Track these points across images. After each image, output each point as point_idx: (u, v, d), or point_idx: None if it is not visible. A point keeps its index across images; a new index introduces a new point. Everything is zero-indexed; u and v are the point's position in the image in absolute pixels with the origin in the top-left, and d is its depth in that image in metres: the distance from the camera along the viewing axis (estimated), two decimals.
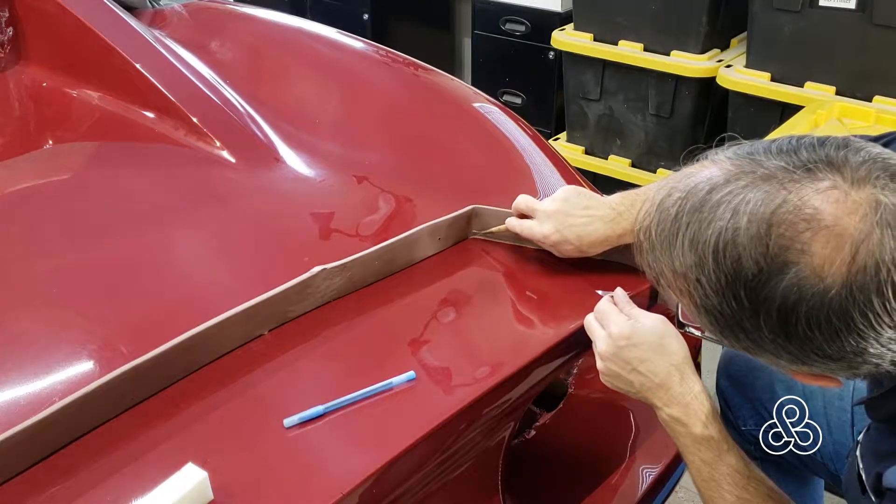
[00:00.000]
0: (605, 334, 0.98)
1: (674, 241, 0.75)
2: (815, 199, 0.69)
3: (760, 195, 0.71)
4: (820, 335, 0.70)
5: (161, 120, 1.43)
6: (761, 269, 0.70)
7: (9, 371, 0.94)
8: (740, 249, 0.71)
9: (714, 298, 0.74)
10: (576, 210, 1.10)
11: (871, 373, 0.74)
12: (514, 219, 1.15)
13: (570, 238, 1.10)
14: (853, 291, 0.68)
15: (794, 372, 0.78)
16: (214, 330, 0.95)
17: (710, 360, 1.52)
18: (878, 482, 0.80)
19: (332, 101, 1.50)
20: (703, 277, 0.74)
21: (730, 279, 0.72)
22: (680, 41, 2.46)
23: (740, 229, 0.71)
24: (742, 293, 0.72)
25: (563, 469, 1.26)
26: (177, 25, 1.69)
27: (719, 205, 0.72)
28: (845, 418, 1.18)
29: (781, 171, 0.71)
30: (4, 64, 1.59)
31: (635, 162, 2.71)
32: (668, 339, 0.97)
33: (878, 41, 2.08)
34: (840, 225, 0.68)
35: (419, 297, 1.10)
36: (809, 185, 0.70)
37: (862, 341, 0.70)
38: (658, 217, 0.78)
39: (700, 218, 0.73)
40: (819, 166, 0.71)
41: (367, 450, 0.88)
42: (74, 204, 1.28)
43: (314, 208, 1.29)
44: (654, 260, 0.79)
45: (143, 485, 0.80)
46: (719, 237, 0.72)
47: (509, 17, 2.94)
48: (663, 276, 0.78)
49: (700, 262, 0.73)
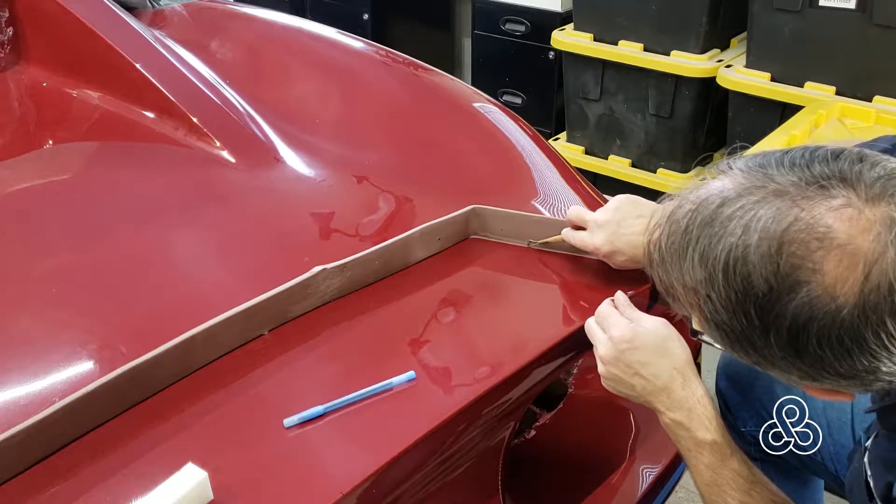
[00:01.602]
0: (605, 338, 0.98)
1: (684, 255, 0.74)
2: (828, 217, 0.68)
3: (772, 212, 0.69)
4: (831, 354, 0.69)
5: (161, 120, 1.43)
6: (772, 288, 0.69)
7: (9, 371, 0.94)
8: (750, 267, 0.70)
9: (724, 314, 0.73)
10: (628, 219, 1.06)
11: (884, 389, 0.73)
12: (569, 230, 1.13)
13: (622, 248, 1.06)
14: (866, 311, 0.66)
15: (805, 387, 0.77)
16: (214, 330, 0.95)
17: (710, 360, 1.52)
18: (889, 491, 0.80)
19: (332, 100, 1.50)
20: (713, 293, 0.72)
21: (740, 296, 0.71)
22: (680, 41, 2.46)
23: (751, 247, 0.69)
24: (752, 311, 0.71)
25: (563, 469, 1.26)
26: (177, 25, 1.69)
27: (730, 220, 0.71)
28: (845, 418, 1.18)
29: (794, 187, 0.70)
30: (4, 64, 1.59)
31: (635, 162, 2.71)
32: (670, 342, 0.96)
33: (878, 41, 2.08)
34: (853, 244, 0.67)
35: (419, 297, 1.10)
36: (822, 202, 0.68)
37: (875, 360, 0.68)
38: (668, 229, 0.76)
39: (711, 233, 0.72)
40: (832, 182, 0.69)
41: (367, 450, 0.88)
42: (74, 204, 1.28)
43: (314, 208, 1.29)
44: (664, 273, 0.78)
45: (143, 485, 0.80)
46: (730, 254, 0.71)
47: (509, 17, 2.94)
48: (673, 289, 0.77)
49: (710, 278, 0.72)
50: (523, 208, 1.21)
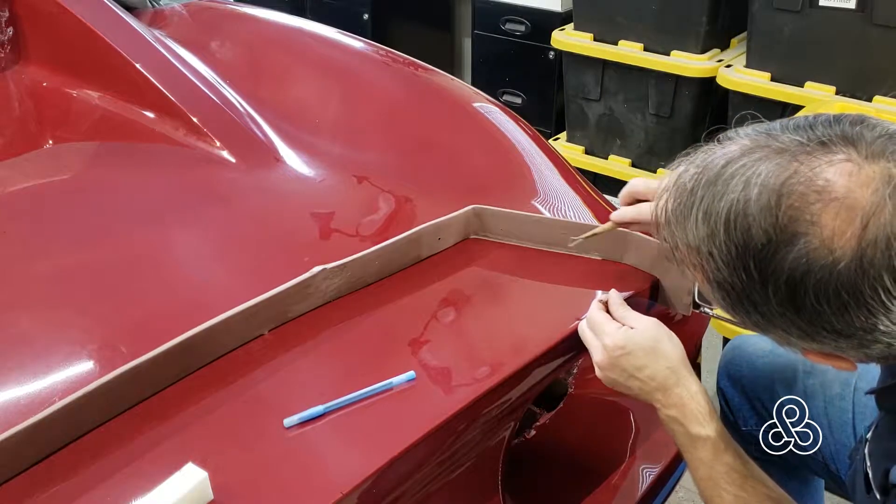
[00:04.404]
0: (599, 345, 0.99)
1: (688, 215, 0.76)
2: (828, 172, 0.69)
3: (772, 166, 0.71)
4: (828, 309, 0.70)
5: (161, 120, 1.43)
6: (770, 240, 0.70)
7: (9, 371, 0.94)
8: (750, 220, 0.71)
9: (725, 271, 0.74)
10: None
11: (884, 354, 0.73)
12: (623, 209, 1.08)
13: None
14: (863, 265, 0.67)
15: (805, 351, 0.78)
16: (214, 330, 0.95)
17: (711, 359, 1.52)
18: (886, 479, 0.80)
19: (332, 100, 1.50)
20: (714, 250, 0.74)
21: (740, 250, 0.72)
22: (680, 41, 2.46)
23: (751, 200, 0.71)
24: (751, 264, 0.72)
25: (563, 469, 1.26)
26: (177, 25, 1.69)
27: (733, 177, 0.73)
28: (846, 418, 1.18)
29: (795, 145, 0.71)
30: (4, 64, 1.59)
31: (635, 162, 2.71)
32: (662, 343, 0.97)
33: (878, 41, 2.08)
34: (851, 197, 0.68)
35: (419, 297, 1.10)
36: (823, 157, 0.70)
37: (872, 317, 0.69)
38: (675, 192, 0.78)
39: (714, 191, 0.74)
40: (834, 140, 0.71)
41: (367, 450, 0.88)
42: (74, 204, 1.28)
43: (314, 208, 1.29)
44: (669, 234, 0.79)
45: (143, 485, 0.80)
46: (731, 209, 0.72)
47: (509, 17, 2.94)
48: (678, 250, 0.79)
49: (712, 234, 0.74)
50: (524, 208, 1.21)
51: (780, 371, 1.24)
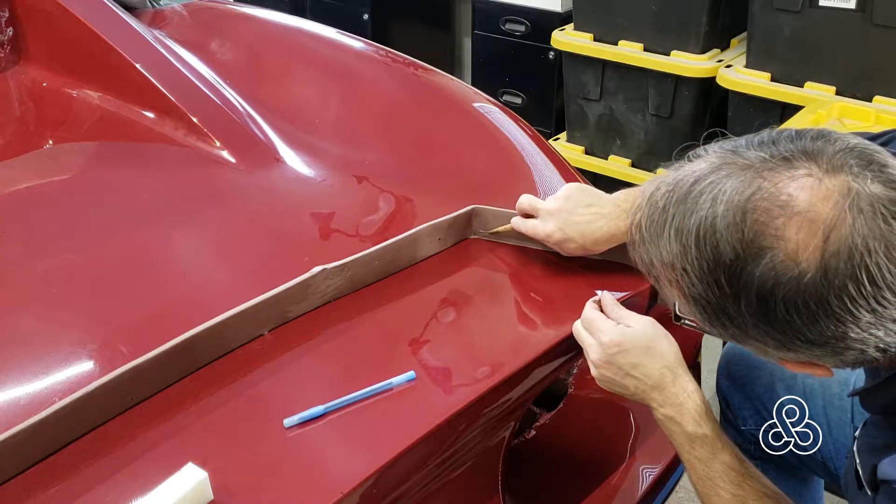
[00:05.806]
0: (595, 343, 0.99)
1: (661, 232, 0.77)
2: (790, 187, 0.71)
3: (737, 183, 0.73)
4: (799, 319, 0.71)
5: (161, 120, 1.43)
6: (738, 255, 0.72)
7: (9, 371, 0.94)
8: (718, 236, 0.73)
9: (699, 286, 0.76)
10: (579, 208, 1.10)
11: (859, 360, 0.75)
12: (519, 218, 1.15)
13: (573, 236, 1.09)
14: (828, 276, 0.69)
15: (782, 360, 0.79)
16: (214, 330, 0.95)
17: (711, 359, 1.52)
18: (874, 475, 0.80)
19: (332, 100, 1.50)
20: (687, 266, 0.75)
21: (711, 266, 0.74)
22: (680, 41, 2.46)
23: (717, 216, 0.73)
24: (723, 279, 0.73)
25: (563, 469, 1.26)
26: (177, 25, 1.69)
27: (701, 194, 0.74)
28: (845, 418, 1.18)
29: (760, 161, 0.74)
30: (4, 64, 1.59)
31: (635, 162, 2.71)
32: (659, 341, 0.97)
33: (878, 41, 2.08)
34: (813, 211, 0.70)
35: (419, 297, 1.10)
36: (785, 172, 0.72)
37: (841, 325, 0.71)
38: (648, 210, 0.80)
39: (684, 209, 0.75)
40: (796, 155, 0.73)
41: (367, 450, 0.88)
42: (74, 204, 1.28)
43: (314, 208, 1.29)
44: (644, 252, 0.80)
45: (143, 485, 0.80)
46: (700, 225, 0.74)
47: (509, 17, 2.94)
48: (653, 267, 0.80)
49: (684, 251, 0.75)
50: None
51: (779, 371, 1.24)
